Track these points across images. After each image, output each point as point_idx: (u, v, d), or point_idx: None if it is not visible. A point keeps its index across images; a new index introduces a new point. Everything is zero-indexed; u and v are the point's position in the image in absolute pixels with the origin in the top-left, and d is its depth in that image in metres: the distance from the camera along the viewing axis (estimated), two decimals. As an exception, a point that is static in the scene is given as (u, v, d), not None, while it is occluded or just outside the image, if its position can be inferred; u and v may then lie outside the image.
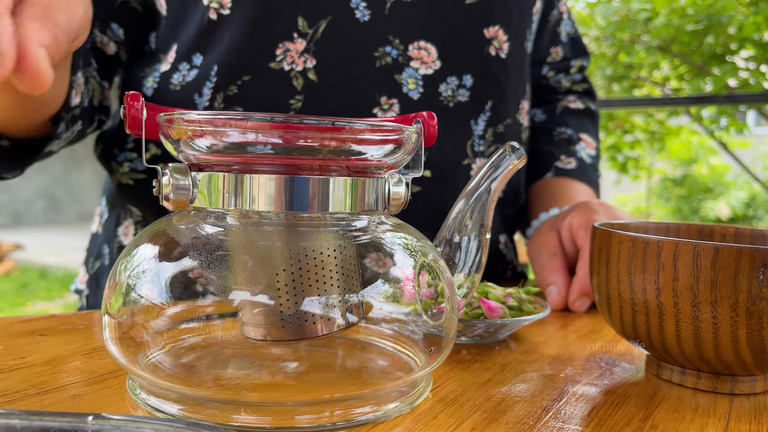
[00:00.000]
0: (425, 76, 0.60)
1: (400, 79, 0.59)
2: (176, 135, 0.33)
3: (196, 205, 0.34)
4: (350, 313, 0.34)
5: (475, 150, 0.65)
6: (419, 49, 0.59)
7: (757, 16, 3.15)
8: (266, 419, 0.31)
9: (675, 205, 5.82)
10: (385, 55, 0.58)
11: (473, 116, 0.64)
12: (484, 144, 0.66)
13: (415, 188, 0.62)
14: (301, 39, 0.57)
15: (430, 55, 0.60)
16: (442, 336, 0.35)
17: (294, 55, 0.57)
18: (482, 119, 0.64)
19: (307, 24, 0.57)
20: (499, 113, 0.66)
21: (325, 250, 0.33)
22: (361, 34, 0.58)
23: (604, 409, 0.36)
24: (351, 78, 0.58)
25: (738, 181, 5.84)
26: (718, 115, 3.63)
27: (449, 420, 0.33)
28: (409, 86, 0.60)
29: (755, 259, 0.35)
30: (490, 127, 0.66)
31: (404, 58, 0.59)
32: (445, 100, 0.61)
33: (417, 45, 0.59)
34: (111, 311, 0.33)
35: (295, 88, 0.58)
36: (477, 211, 0.39)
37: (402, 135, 0.33)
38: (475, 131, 0.64)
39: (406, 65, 0.59)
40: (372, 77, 0.59)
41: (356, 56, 0.58)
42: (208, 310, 0.34)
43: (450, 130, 0.63)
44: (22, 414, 0.27)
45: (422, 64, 0.60)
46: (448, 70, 0.61)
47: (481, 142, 0.65)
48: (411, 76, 0.60)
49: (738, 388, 0.39)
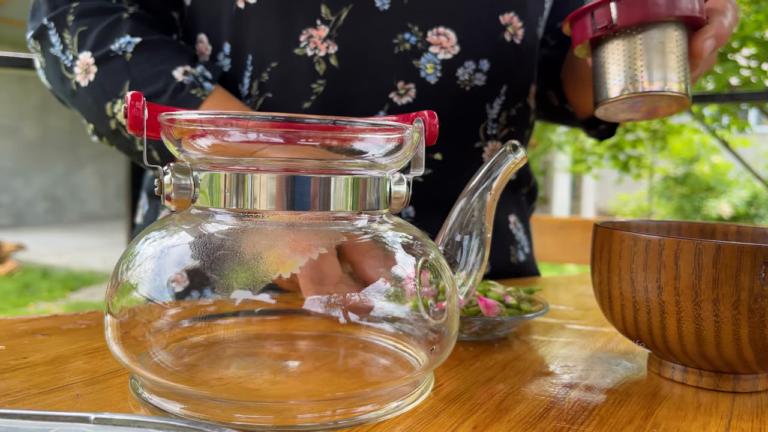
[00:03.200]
0: (444, 61, 0.62)
1: (418, 64, 0.61)
2: (178, 135, 0.33)
3: (198, 204, 0.34)
4: None
5: (488, 133, 0.67)
6: (438, 35, 0.60)
7: (758, 15, 3.14)
8: (268, 418, 0.31)
9: (677, 203, 5.81)
10: (404, 41, 0.60)
11: (488, 100, 0.66)
12: (497, 127, 0.67)
13: (426, 170, 0.63)
14: (324, 26, 0.59)
15: (449, 40, 0.61)
16: (443, 335, 0.35)
17: (317, 41, 0.59)
18: (497, 103, 0.66)
19: (330, 11, 0.59)
20: (512, 97, 0.68)
21: None
22: (381, 21, 0.60)
23: (606, 407, 0.36)
24: (371, 64, 0.60)
25: (740, 179, 5.83)
26: (720, 114, 3.62)
27: (451, 419, 0.33)
28: (427, 71, 0.61)
29: (757, 257, 0.35)
30: (504, 111, 0.67)
31: (423, 44, 0.61)
32: (462, 84, 0.63)
33: (436, 31, 0.61)
34: (113, 311, 0.34)
35: (318, 72, 0.59)
36: (478, 210, 0.39)
37: (403, 134, 0.33)
38: (489, 115, 0.66)
39: (425, 50, 0.61)
40: (391, 63, 0.60)
41: (376, 43, 0.60)
42: (209, 310, 0.34)
43: (465, 114, 0.64)
44: (24, 414, 0.27)
45: (441, 49, 0.61)
46: (466, 55, 0.62)
47: (495, 126, 0.67)
48: (429, 60, 0.61)
49: (740, 386, 0.39)
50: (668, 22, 0.51)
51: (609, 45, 0.53)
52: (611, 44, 0.52)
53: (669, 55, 0.51)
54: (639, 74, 0.51)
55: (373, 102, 0.61)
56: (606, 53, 0.53)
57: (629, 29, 0.51)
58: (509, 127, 0.68)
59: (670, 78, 0.51)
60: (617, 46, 0.52)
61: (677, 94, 0.51)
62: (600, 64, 0.54)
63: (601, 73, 0.54)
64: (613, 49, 0.52)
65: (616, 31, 0.52)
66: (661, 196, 6.00)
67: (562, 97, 0.79)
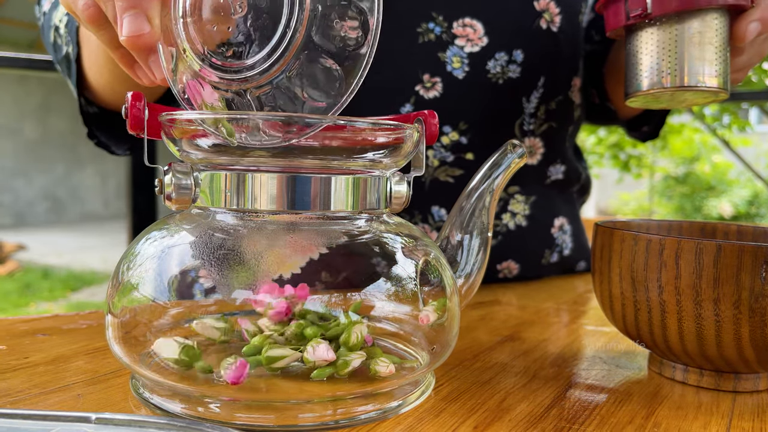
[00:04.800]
0: (471, 54, 0.59)
1: (444, 57, 0.58)
2: (178, 134, 0.33)
3: (199, 204, 0.34)
4: None
5: (524, 129, 0.64)
6: (464, 27, 0.58)
7: (759, 14, 3.14)
8: (269, 417, 0.31)
9: (677, 203, 5.81)
10: (428, 31, 0.58)
11: (525, 93, 0.62)
12: (535, 123, 0.64)
13: (457, 171, 0.61)
14: None
15: (476, 32, 0.59)
16: (444, 334, 0.35)
17: None
18: (535, 96, 0.63)
19: None
20: (552, 89, 0.64)
21: None
22: (404, 6, 0.57)
23: (607, 407, 0.36)
24: (392, 52, 0.57)
25: (740, 179, 5.82)
26: (721, 113, 3.62)
27: (452, 418, 0.33)
28: (454, 65, 0.59)
29: (758, 257, 0.35)
30: (543, 105, 0.64)
31: (448, 35, 0.58)
32: (494, 77, 0.60)
33: (462, 22, 0.58)
34: (114, 311, 0.34)
35: None
36: (479, 210, 0.39)
37: (403, 134, 0.33)
38: (526, 109, 0.63)
39: (450, 43, 0.58)
40: (414, 52, 0.58)
41: (398, 29, 0.58)
42: (210, 309, 0.34)
43: (498, 109, 0.61)
44: (25, 414, 0.27)
45: (468, 41, 0.59)
46: (497, 47, 0.60)
47: (532, 121, 0.64)
48: (456, 54, 0.59)
49: (741, 386, 0.39)
50: (708, 9, 0.47)
51: (643, 34, 0.50)
52: (645, 33, 0.49)
53: (707, 47, 0.48)
54: (673, 67, 0.48)
55: (398, 93, 0.58)
56: (639, 42, 0.50)
57: (665, 17, 0.48)
58: (549, 122, 0.65)
59: (706, 72, 0.48)
60: (651, 36, 0.49)
61: (713, 89, 0.49)
62: (633, 53, 0.51)
63: (633, 63, 0.51)
64: (647, 38, 0.49)
65: (651, 19, 0.49)
66: (662, 196, 5.99)
67: (603, 95, 0.75)
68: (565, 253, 0.74)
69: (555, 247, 0.72)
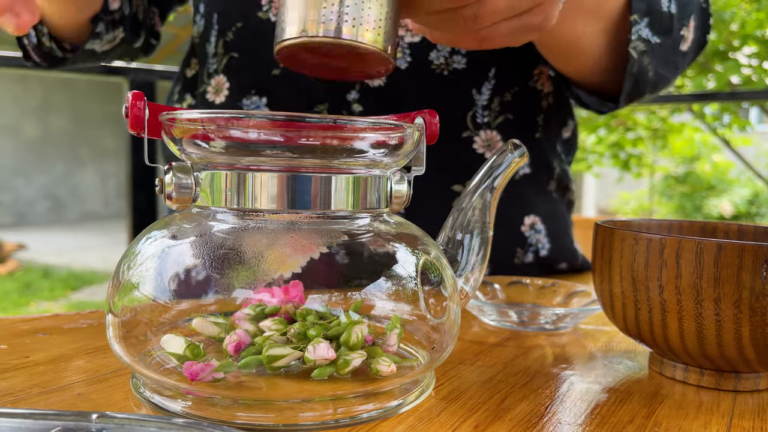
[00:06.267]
0: (411, 45, 0.57)
1: None
2: (178, 134, 0.33)
3: (199, 203, 0.34)
4: None
5: (478, 122, 0.62)
6: None
7: (759, 13, 3.14)
8: (270, 416, 0.31)
9: (678, 202, 5.81)
10: None
11: (475, 85, 0.61)
12: (489, 115, 0.62)
13: None
14: None
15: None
16: (444, 334, 0.35)
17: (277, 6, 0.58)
18: (487, 88, 0.61)
19: None
20: (505, 81, 0.62)
21: None
22: None
23: (607, 406, 0.36)
24: None
25: (741, 178, 5.82)
26: (721, 113, 3.62)
27: (452, 418, 0.33)
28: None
29: (758, 256, 0.35)
30: (497, 97, 0.62)
31: None
32: (438, 68, 0.59)
33: None
34: (114, 310, 0.34)
35: None
36: (479, 209, 0.39)
37: (404, 133, 0.33)
38: (478, 101, 0.61)
39: None
40: None
41: None
42: (211, 309, 0.34)
43: (446, 101, 0.59)
44: (26, 413, 0.27)
45: (407, 31, 0.57)
46: None
47: (486, 113, 0.62)
48: None
49: (741, 385, 0.39)
50: None
51: None
52: None
53: None
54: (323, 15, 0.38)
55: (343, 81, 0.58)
56: None
57: None
58: (505, 114, 0.63)
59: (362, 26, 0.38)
60: None
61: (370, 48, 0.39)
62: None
63: (282, 10, 0.40)
64: None
65: None
66: (662, 195, 6.00)
67: (563, 78, 0.70)
68: (542, 253, 0.72)
69: (528, 247, 0.70)
